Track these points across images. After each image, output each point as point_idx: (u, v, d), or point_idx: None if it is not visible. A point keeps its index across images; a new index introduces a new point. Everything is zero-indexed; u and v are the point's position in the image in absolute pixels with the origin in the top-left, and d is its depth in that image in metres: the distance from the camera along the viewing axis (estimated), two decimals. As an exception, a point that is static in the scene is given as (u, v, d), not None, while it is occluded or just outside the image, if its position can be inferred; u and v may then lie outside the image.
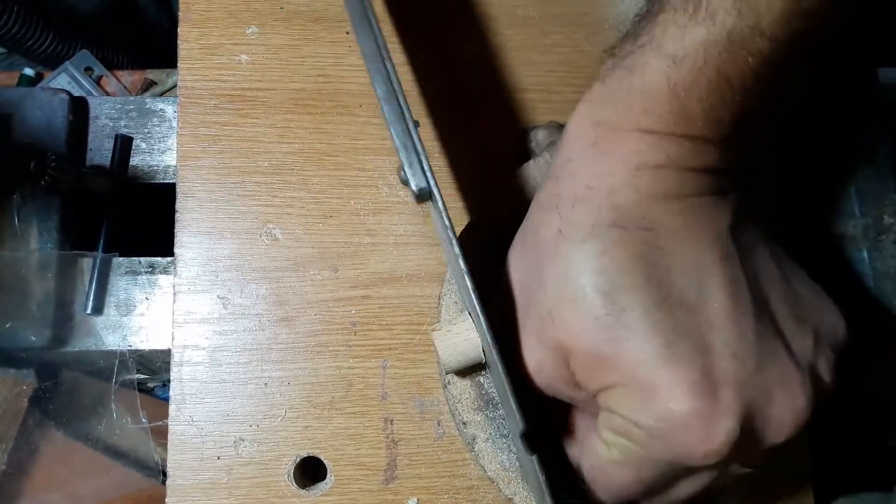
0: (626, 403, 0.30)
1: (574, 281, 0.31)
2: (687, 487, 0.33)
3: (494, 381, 0.38)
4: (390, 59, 0.34)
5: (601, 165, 0.32)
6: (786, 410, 0.31)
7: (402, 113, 0.33)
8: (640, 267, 0.30)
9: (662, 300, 0.30)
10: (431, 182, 0.32)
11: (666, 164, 0.31)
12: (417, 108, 0.44)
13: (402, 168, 0.33)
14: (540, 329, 0.32)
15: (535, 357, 0.33)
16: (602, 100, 0.33)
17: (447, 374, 0.39)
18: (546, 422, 0.37)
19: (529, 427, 0.32)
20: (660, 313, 0.30)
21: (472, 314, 0.35)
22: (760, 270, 0.33)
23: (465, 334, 0.35)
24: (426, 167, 0.33)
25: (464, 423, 0.39)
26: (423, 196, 0.33)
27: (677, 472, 0.32)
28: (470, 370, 0.38)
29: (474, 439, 0.39)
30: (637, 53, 0.31)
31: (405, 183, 0.33)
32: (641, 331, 0.30)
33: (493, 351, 0.33)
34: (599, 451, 0.33)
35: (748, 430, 0.30)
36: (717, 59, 0.30)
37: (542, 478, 0.32)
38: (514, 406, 0.32)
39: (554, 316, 0.31)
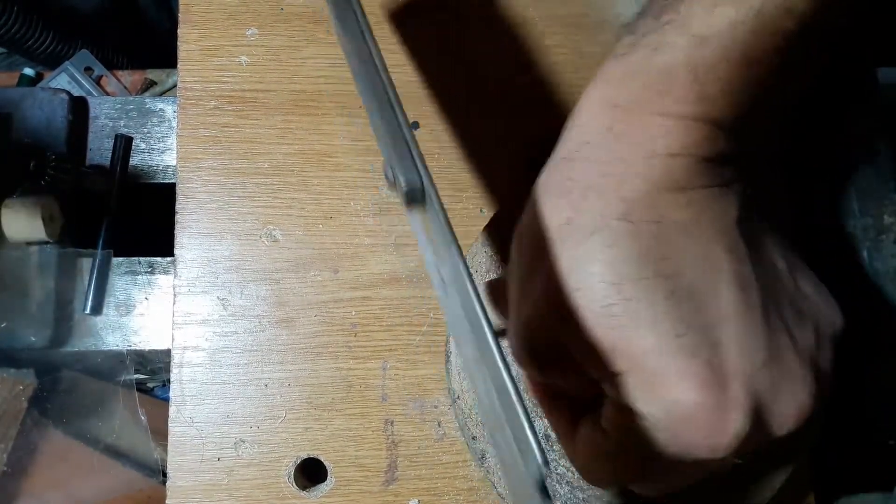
0: (631, 392, 0.30)
1: (581, 271, 0.30)
2: (685, 474, 0.32)
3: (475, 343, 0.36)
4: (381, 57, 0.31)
5: (615, 151, 0.31)
6: (790, 405, 0.30)
7: (391, 103, 0.29)
8: (648, 260, 0.30)
9: (671, 292, 0.30)
10: (426, 180, 0.28)
11: (678, 152, 0.30)
12: (417, 109, 0.44)
13: (388, 166, 0.29)
14: (545, 296, 0.32)
15: (528, 312, 0.32)
16: (620, 80, 0.31)
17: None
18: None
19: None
20: (667, 305, 0.29)
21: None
22: (766, 264, 0.33)
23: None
24: (419, 163, 0.28)
25: (473, 438, 0.39)
26: (415, 197, 0.28)
27: (679, 464, 0.31)
28: None
29: (484, 455, 0.39)
30: (661, 32, 0.30)
31: (391, 182, 0.29)
32: (649, 321, 0.29)
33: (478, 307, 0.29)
34: (598, 441, 0.32)
35: (755, 424, 0.29)
36: (743, 40, 0.29)
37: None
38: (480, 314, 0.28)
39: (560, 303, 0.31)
